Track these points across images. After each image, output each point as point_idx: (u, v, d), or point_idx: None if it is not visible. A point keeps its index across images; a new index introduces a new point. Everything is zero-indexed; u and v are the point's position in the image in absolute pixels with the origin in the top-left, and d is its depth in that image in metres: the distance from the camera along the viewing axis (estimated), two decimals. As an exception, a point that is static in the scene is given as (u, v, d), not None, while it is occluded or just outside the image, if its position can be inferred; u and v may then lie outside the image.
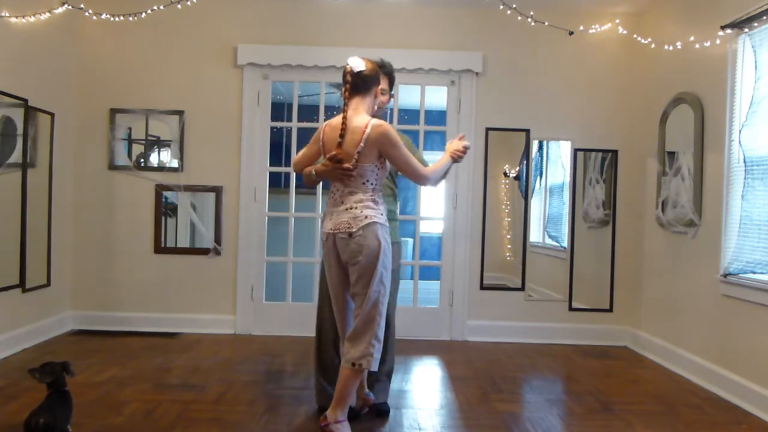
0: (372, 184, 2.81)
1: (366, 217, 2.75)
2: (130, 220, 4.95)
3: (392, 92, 3.30)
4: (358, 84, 2.81)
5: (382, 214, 2.82)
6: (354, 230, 2.74)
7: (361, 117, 2.80)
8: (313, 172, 2.90)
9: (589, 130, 5.00)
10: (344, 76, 2.81)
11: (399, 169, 2.89)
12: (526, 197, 5.02)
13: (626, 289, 4.98)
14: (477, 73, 4.95)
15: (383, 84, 3.11)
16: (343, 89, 2.81)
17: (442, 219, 5.05)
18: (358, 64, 2.80)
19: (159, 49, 4.94)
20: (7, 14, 3.98)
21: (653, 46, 4.45)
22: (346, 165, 2.75)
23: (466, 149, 3.01)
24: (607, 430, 3.10)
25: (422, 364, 4.32)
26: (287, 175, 5.30)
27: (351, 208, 2.77)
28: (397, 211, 3.36)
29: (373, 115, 2.91)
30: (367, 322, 2.77)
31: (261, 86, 4.98)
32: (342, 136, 2.74)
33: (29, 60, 4.30)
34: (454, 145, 3.01)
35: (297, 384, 3.69)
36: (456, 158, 3.00)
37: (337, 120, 2.82)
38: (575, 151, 5.00)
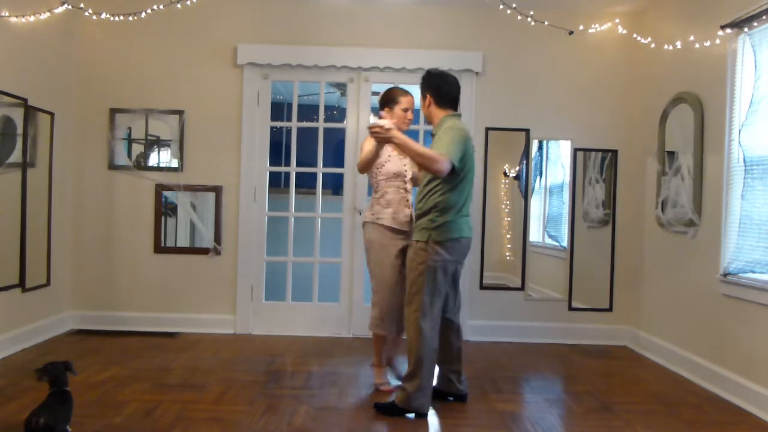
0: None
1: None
2: (130, 220, 4.96)
3: (414, 103, 3.60)
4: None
5: (372, 214, 3.54)
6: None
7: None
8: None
9: (589, 130, 5.00)
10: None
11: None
12: (525, 197, 5.02)
13: (626, 289, 4.98)
14: (477, 73, 4.95)
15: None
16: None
17: (442, 219, 5.04)
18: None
19: (159, 49, 4.94)
20: (7, 14, 3.98)
21: (653, 45, 4.45)
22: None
23: (370, 128, 3.11)
24: (607, 430, 3.10)
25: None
26: (287, 175, 5.30)
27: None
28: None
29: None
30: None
31: (261, 86, 4.98)
32: None
33: (29, 60, 4.30)
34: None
35: (297, 384, 3.69)
36: (374, 137, 3.16)
37: None
38: (575, 150, 5.00)
